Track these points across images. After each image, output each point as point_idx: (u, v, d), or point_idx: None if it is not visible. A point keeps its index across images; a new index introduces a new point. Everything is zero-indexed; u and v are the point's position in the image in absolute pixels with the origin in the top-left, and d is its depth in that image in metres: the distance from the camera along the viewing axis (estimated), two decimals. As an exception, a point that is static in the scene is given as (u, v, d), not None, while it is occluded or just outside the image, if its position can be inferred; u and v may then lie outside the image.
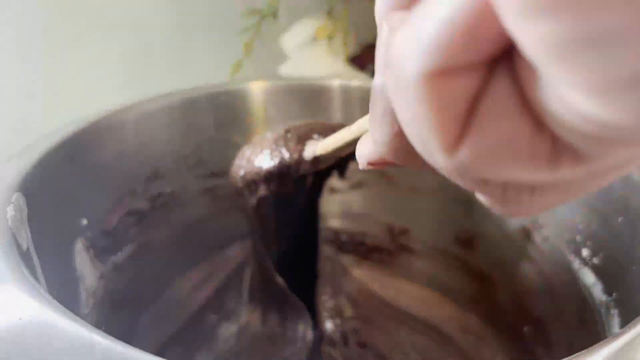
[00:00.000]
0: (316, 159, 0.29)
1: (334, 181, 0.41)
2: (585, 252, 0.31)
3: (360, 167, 0.18)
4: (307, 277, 0.35)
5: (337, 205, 0.43)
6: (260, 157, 0.30)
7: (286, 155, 0.29)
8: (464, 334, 0.36)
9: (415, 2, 0.10)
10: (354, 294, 0.40)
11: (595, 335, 0.29)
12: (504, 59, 0.10)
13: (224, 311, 0.37)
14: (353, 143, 0.23)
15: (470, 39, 0.09)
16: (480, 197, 0.13)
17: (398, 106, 0.11)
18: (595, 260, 0.30)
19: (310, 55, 0.43)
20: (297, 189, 0.31)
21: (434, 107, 0.10)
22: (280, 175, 0.29)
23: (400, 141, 0.13)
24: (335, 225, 0.43)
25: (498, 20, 0.09)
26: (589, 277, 0.30)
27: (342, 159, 0.30)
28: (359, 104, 0.39)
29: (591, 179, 0.11)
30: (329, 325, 0.36)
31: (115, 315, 0.33)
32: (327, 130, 0.29)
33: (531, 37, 0.08)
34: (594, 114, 0.08)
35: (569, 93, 0.08)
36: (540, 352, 0.33)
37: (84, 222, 0.30)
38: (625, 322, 0.26)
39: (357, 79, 0.42)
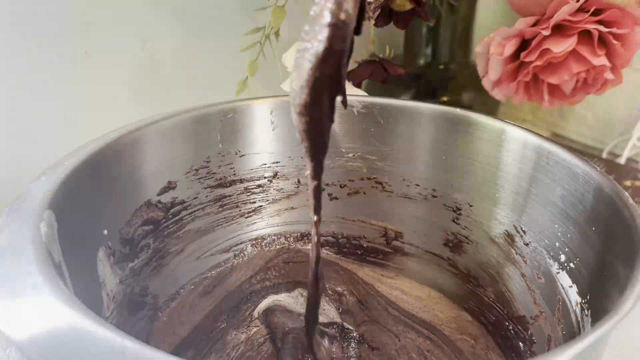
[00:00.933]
0: None
1: (333, 189, 0.44)
2: (563, 258, 0.33)
3: None
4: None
5: (336, 211, 0.45)
6: (312, 41, 0.23)
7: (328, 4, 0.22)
8: (461, 335, 0.38)
9: None
10: (362, 296, 0.42)
11: (571, 333, 0.30)
12: None
13: (233, 319, 0.39)
14: None
15: None
16: None
17: None
18: (572, 265, 0.32)
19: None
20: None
21: None
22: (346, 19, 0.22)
23: None
24: (334, 230, 0.46)
25: None
26: (566, 280, 0.32)
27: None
28: (359, 117, 0.41)
29: None
30: (342, 329, 0.38)
31: (133, 319, 0.35)
32: None
33: None
34: None
35: None
36: (523, 348, 0.36)
37: (105, 232, 0.32)
38: (596, 321, 0.28)
39: (354, 93, 0.44)
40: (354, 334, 0.37)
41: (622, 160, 0.61)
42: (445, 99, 0.63)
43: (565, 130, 0.67)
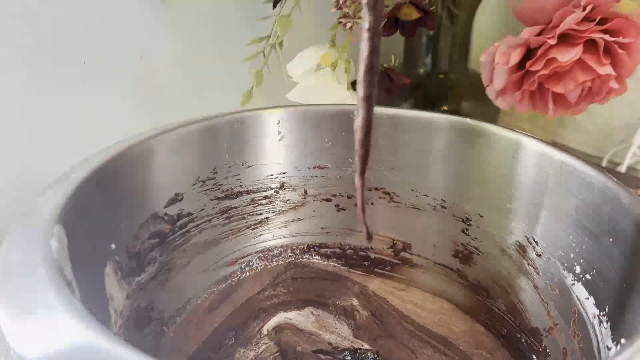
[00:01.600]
0: None
1: (340, 200, 0.43)
2: (578, 269, 0.32)
3: None
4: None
5: (342, 222, 0.44)
6: None
7: None
8: (477, 350, 0.37)
9: None
10: (375, 309, 0.41)
11: (588, 345, 0.30)
12: None
13: (241, 336, 0.38)
14: None
15: None
16: None
17: None
18: (588, 277, 0.31)
19: (315, 82, 0.44)
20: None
21: None
22: None
23: None
24: (341, 241, 0.45)
25: None
26: (582, 292, 0.32)
27: None
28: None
29: None
30: (357, 346, 0.37)
31: (140, 335, 0.34)
32: None
33: None
34: None
35: None
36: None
37: (113, 246, 0.32)
38: (617, 335, 0.28)
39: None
40: (369, 354, 0.36)
41: (622, 169, 0.61)
42: (444, 108, 0.63)
43: (565, 138, 0.67)
